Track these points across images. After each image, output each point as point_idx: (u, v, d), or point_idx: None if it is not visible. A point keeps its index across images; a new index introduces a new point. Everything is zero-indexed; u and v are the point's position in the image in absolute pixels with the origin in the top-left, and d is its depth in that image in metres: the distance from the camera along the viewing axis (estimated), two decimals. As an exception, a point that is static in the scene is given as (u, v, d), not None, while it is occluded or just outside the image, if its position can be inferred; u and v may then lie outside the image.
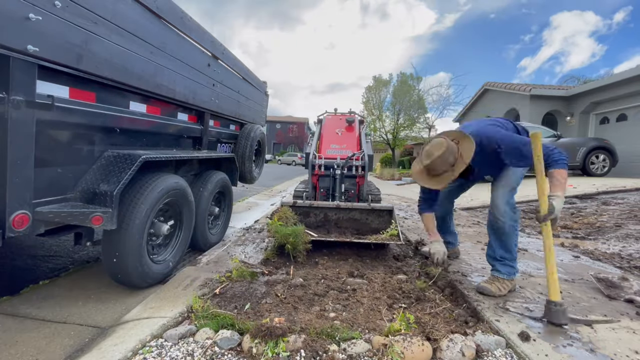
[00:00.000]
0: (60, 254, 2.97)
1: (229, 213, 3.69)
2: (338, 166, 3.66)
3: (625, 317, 1.83)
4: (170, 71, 2.51)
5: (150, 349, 1.49)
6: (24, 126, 1.49)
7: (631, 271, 2.67)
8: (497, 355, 1.50)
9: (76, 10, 1.66)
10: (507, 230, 2.09)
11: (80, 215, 1.73)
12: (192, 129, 3.05)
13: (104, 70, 1.89)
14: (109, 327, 1.76)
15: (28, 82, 1.50)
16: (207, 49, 3.09)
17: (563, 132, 9.97)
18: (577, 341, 1.58)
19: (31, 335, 1.69)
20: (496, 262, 2.15)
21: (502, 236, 2.12)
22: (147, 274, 2.17)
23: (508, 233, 2.09)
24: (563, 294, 2.13)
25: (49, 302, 2.03)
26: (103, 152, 2.03)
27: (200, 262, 2.64)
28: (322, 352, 1.45)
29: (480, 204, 6.17)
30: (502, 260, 2.12)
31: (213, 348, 1.50)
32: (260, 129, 4.63)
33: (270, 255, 2.79)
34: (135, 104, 2.29)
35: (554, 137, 8.36)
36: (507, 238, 2.11)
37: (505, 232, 2.10)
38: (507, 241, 2.12)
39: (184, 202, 2.50)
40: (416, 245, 3.22)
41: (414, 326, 1.67)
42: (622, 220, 4.34)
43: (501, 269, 2.11)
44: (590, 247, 3.40)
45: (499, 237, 2.13)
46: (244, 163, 4.16)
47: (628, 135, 9.64)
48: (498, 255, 2.14)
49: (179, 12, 2.59)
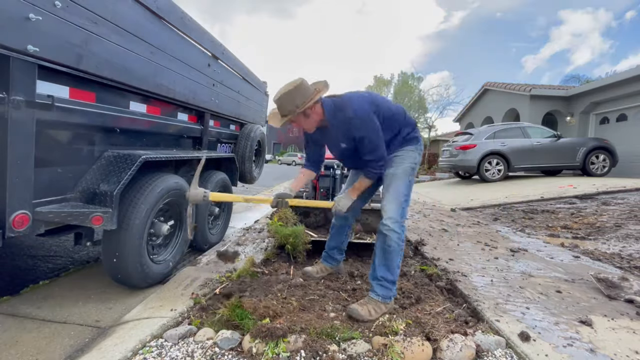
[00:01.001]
0: (60, 254, 2.97)
1: (229, 213, 3.69)
2: (338, 166, 3.66)
3: (625, 317, 1.83)
4: (171, 71, 2.51)
5: (150, 349, 1.49)
6: (24, 126, 1.49)
7: (631, 271, 2.67)
8: (497, 355, 1.50)
9: (76, 10, 1.66)
10: (394, 247, 1.88)
11: (80, 215, 1.73)
12: (192, 129, 3.05)
13: (104, 70, 1.89)
14: (109, 327, 1.76)
15: (28, 82, 1.50)
16: (207, 49, 3.09)
17: (563, 132, 9.96)
18: (577, 341, 1.58)
19: (31, 335, 1.69)
20: (375, 282, 1.92)
21: (387, 253, 1.89)
22: (147, 274, 2.17)
23: (394, 251, 1.89)
24: (563, 294, 2.13)
25: (49, 302, 2.03)
26: (103, 152, 2.03)
27: (200, 262, 2.64)
28: (322, 352, 1.45)
29: (480, 204, 6.17)
30: (380, 280, 1.89)
31: (213, 348, 1.50)
32: (260, 129, 4.63)
33: (270, 256, 2.79)
34: (135, 104, 2.29)
35: (554, 137, 8.37)
36: (392, 257, 1.90)
37: (391, 250, 1.88)
38: (392, 261, 1.90)
39: (184, 202, 2.50)
40: (416, 245, 3.22)
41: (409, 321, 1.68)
42: (622, 220, 4.35)
43: (378, 291, 1.88)
44: (590, 247, 3.40)
45: (384, 255, 1.90)
46: (244, 163, 4.16)
47: (628, 135, 9.63)
48: (379, 275, 1.90)
49: (179, 12, 2.59)
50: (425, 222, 4.48)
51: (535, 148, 8.26)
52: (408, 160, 2.01)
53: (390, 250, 1.89)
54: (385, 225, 1.88)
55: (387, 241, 1.88)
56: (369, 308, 1.82)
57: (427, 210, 5.67)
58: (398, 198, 1.93)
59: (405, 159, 2.02)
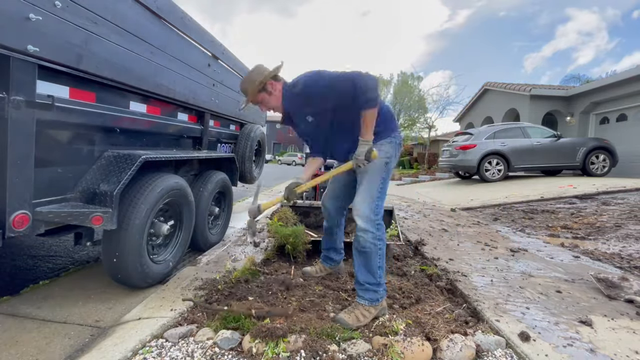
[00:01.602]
0: (60, 254, 2.97)
1: (229, 213, 3.69)
2: (338, 166, 3.66)
3: (625, 317, 1.83)
4: (171, 71, 2.51)
5: (150, 349, 1.49)
6: (24, 126, 1.49)
7: (631, 271, 2.67)
8: (497, 355, 1.51)
9: (76, 10, 1.66)
10: (369, 248, 1.79)
11: (80, 215, 1.73)
12: (192, 129, 3.05)
13: (104, 70, 1.89)
14: (109, 327, 1.76)
15: (28, 82, 1.49)
16: (207, 49, 3.09)
17: (563, 132, 9.96)
18: (577, 341, 1.58)
19: (31, 335, 1.69)
20: (358, 286, 1.86)
21: (363, 256, 1.82)
22: (147, 274, 2.17)
23: (371, 252, 1.80)
24: (563, 294, 2.13)
25: (49, 302, 2.03)
26: (103, 152, 2.03)
27: (200, 262, 2.64)
28: (322, 352, 1.45)
29: (480, 204, 6.17)
30: (363, 285, 1.82)
31: (213, 348, 1.50)
32: (260, 129, 4.63)
33: (270, 256, 2.79)
34: (135, 104, 2.29)
35: (554, 137, 8.37)
36: (370, 259, 1.81)
37: (367, 251, 1.80)
38: (370, 263, 1.82)
39: (184, 202, 2.50)
40: (416, 245, 3.22)
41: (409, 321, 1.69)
42: (622, 220, 4.35)
43: (364, 295, 1.81)
44: (590, 247, 3.40)
45: (361, 258, 1.84)
46: (244, 163, 4.16)
47: (628, 135, 9.63)
48: (360, 279, 1.84)
49: (179, 12, 2.59)
50: (425, 222, 4.48)
51: (535, 148, 8.26)
52: (380, 155, 1.83)
53: (366, 252, 1.80)
54: (360, 226, 1.78)
55: (361, 242, 1.79)
56: (356, 314, 1.76)
57: (427, 210, 5.67)
58: (370, 194, 1.82)
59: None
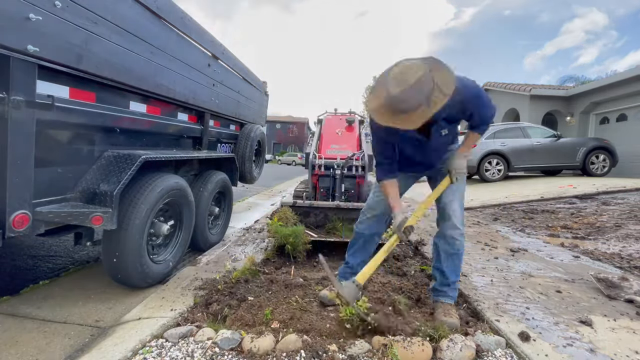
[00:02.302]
0: (60, 254, 2.97)
1: (229, 213, 3.69)
2: (338, 166, 3.65)
3: (625, 317, 1.83)
4: (171, 71, 2.51)
5: (150, 349, 1.49)
6: (24, 126, 1.49)
7: (631, 271, 2.67)
8: (497, 355, 1.50)
9: (76, 10, 1.66)
10: (461, 251, 1.90)
11: (80, 215, 1.73)
12: (192, 129, 3.05)
13: (104, 70, 1.89)
14: (109, 327, 1.76)
15: (28, 82, 1.50)
16: (207, 49, 3.09)
17: (563, 132, 9.95)
18: (577, 341, 1.58)
19: (31, 335, 1.69)
20: (448, 288, 1.89)
21: (456, 258, 1.88)
22: (147, 274, 2.17)
23: (461, 254, 1.90)
24: (563, 294, 2.13)
25: (49, 302, 2.03)
26: (103, 152, 2.03)
27: (200, 262, 2.64)
28: (322, 352, 1.45)
29: (480, 204, 6.17)
30: (452, 284, 1.90)
31: (213, 348, 1.50)
32: (260, 129, 4.64)
33: (270, 256, 2.79)
34: (135, 104, 2.29)
35: (554, 137, 8.38)
36: (460, 260, 1.91)
37: (459, 253, 1.89)
38: (460, 263, 1.91)
39: (184, 202, 2.50)
40: (416, 246, 3.22)
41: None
42: (622, 220, 4.34)
43: (453, 295, 1.89)
44: (590, 247, 3.39)
45: (453, 260, 1.89)
46: (244, 163, 4.16)
47: (628, 135, 9.63)
48: (451, 280, 1.89)
49: (179, 12, 2.59)
50: (425, 222, 4.48)
51: (535, 148, 8.26)
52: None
53: (459, 254, 1.89)
54: (458, 230, 1.86)
55: (456, 245, 1.87)
56: (453, 314, 1.80)
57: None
58: (462, 201, 1.93)
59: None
